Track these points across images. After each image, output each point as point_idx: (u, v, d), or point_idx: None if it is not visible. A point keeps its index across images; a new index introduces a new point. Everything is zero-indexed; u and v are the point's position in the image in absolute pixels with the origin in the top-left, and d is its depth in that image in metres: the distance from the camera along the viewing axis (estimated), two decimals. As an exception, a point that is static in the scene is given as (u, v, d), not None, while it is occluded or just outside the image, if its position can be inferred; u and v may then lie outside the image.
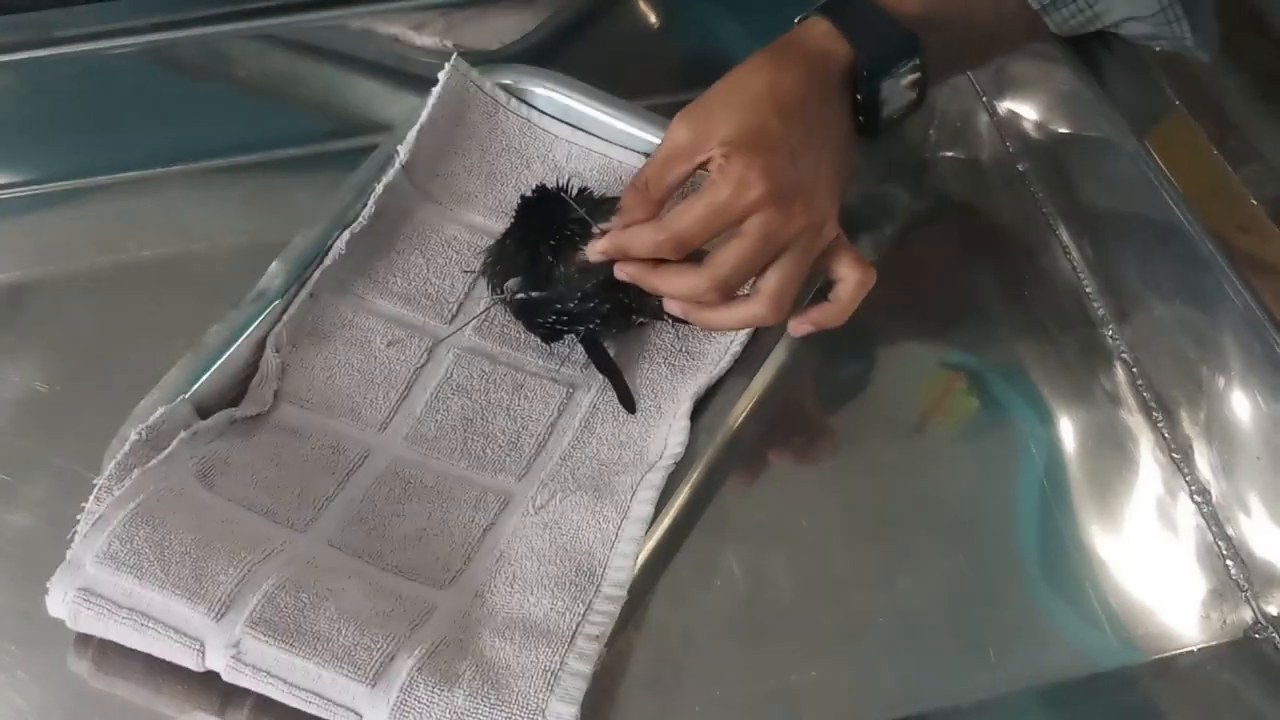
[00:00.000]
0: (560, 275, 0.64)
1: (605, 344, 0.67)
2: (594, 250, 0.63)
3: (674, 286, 0.61)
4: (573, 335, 0.67)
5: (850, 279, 0.63)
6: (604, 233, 0.63)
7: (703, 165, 0.60)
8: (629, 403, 0.65)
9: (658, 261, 0.62)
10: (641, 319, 0.67)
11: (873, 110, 0.64)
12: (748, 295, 0.61)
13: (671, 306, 0.63)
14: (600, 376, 0.66)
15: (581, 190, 0.67)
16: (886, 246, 0.78)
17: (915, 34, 0.63)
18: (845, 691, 0.58)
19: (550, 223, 0.65)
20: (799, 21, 0.64)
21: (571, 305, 0.64)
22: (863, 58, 0.63)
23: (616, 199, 0.64)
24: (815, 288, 0.66)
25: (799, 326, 0.64)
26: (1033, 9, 0.69)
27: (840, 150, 0.63)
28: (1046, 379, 0.70)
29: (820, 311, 0.64)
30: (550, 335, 0.67)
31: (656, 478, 0.61)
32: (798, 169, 0.60)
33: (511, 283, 0.65)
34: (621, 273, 0.63)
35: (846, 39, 0.63)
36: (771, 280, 0.61)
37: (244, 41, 0.85)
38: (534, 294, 0.65)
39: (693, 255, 0.61)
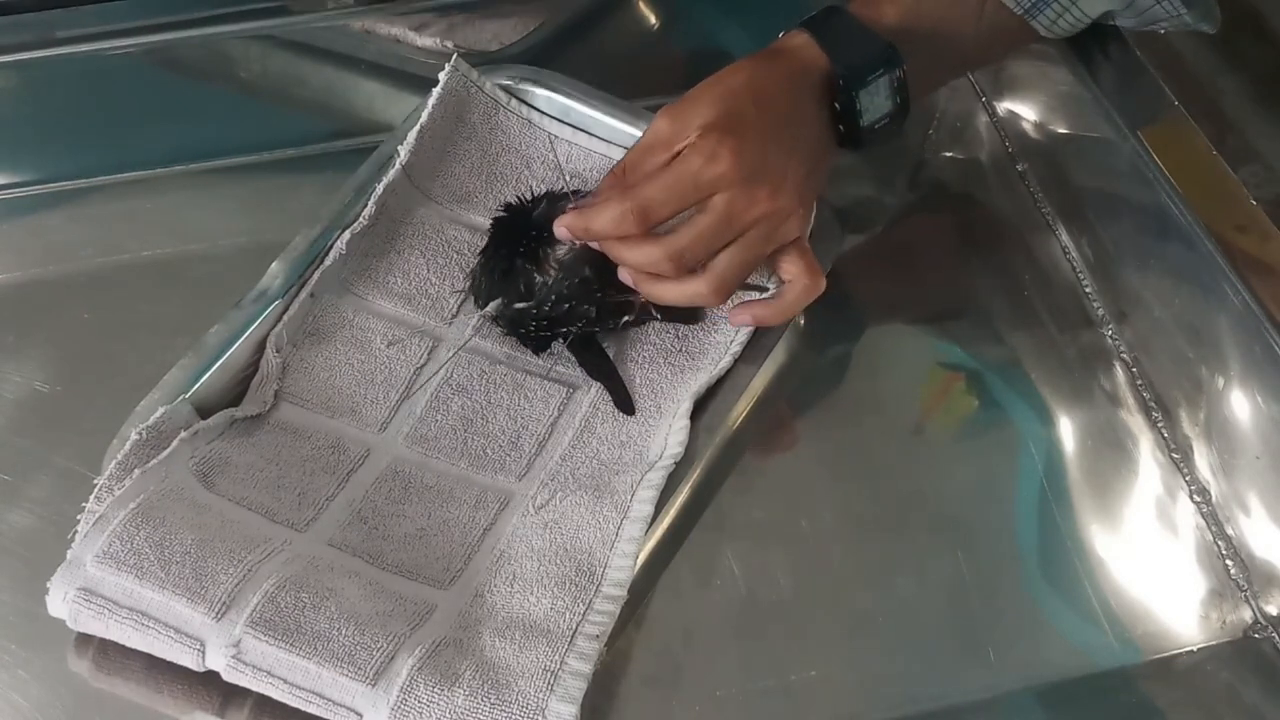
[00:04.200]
0: (539, 283, 0.65)
1: (605, 345, 0.67)
2: (560, 225, 0.63)
3: (633, 255, 0.62)
4: (559, 341, 0.67)
5: (798, 283, 0.64)
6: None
7: (680, 152, 0.61)
8: (626, 405, 0.65)
9: None
10: (627, 318, 0.67)
11: (852, 119, 0.65)
12: (696, 272, 0.62)
13: (624, 274, 0.64)
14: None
15: (561, 193, 0.67)
16: (885, 246, 0.78)
17: (892, 44, 0.65)
18: (844, 690, 0.58)
19: (521, 232, 0.66)
20: (781, 36, 0.66)
21: (547, 309, 0.64)
22: (839, 67, 0.64)
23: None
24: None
25: (737, 317, 0.65)
26: (1017, 15, 0.69)
27: (813, 154, 0.64)
28: (1046, 379, 0.70)
29: (761, 308, 0.65)
30: (539, 345, 0.67)
31: (656, 477, 0.61)
32: (767, 156, 0.61)
33: (490, 307, 0.66)
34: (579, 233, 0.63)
35: (824, 49, 0.64)
36: (721, 261, 0.62)
37: (245, 42, 0.85)
38: (517, 305, 0.65)
39: None
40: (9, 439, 0.64)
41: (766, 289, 0.67)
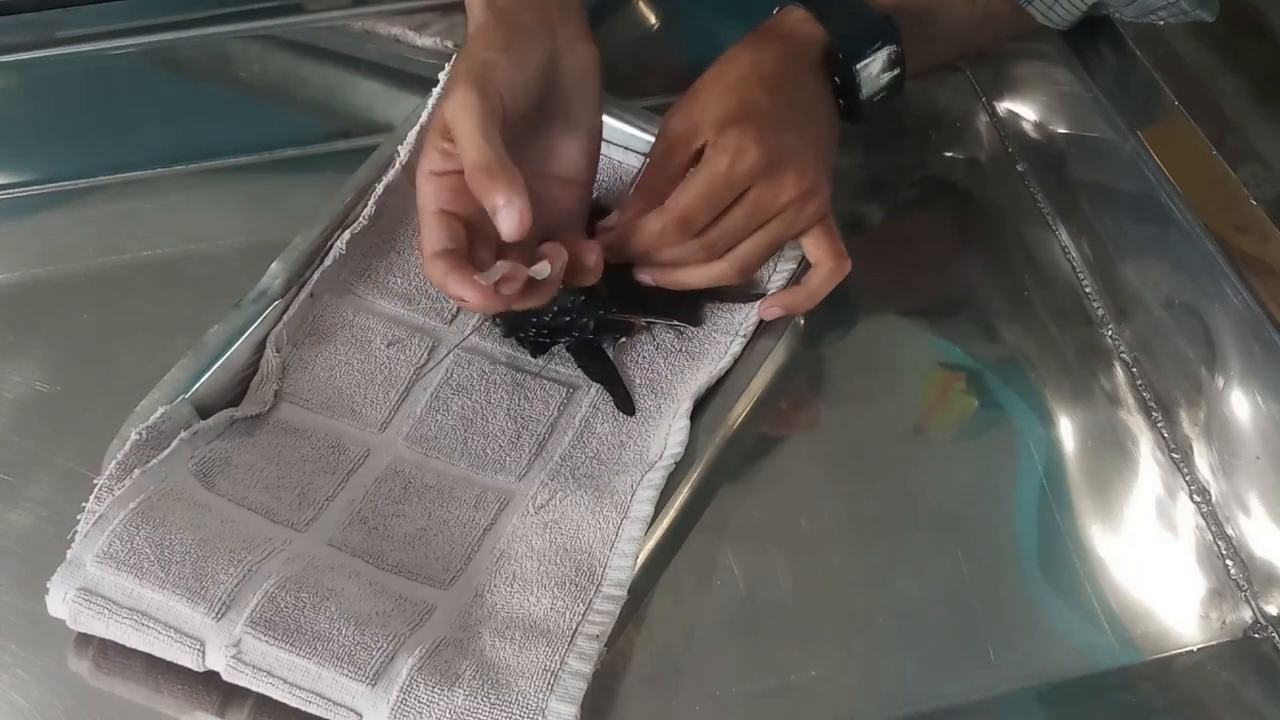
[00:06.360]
0: None
1: (604, 345, 0.67)
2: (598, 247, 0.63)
3: (667, 251, 0.63)
4: (560, 345, 0.67)
5: (823, 267, 0.65)
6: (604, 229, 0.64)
7: (700, 152, 0.62)
8: (626, 405, 0.65)
9: None
10: (623, 339, 0.67)
11: (852, 92, 0.65)
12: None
13: (643, 273, 0.64)
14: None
15: None
16: (885, 246, 0.78)
17: (888, 17, 0.65)
18: (844, 690, 0.58)
19: None
20: (776, 11, 0.66)
21: (548, 319, 0.65)
22: (836, 40, 0.65)
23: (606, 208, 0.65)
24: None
25: (769, 310, 0.66)
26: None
27: (825, 129, 0.65)
28: (1046, 379, 0.70)
29: (789, 296, 0.66)
30: (536, 349, 0.67)
31: (656, 477, 0.61)
32: (787, 139, 0.61)
33: None
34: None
35: (820, 23, 0.65)
36: (746, 246, 0.63)
37: (245, 42, 0.85)
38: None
39: None
40: (9, 439, 0.64)
41: (763, 292, 0.68)
